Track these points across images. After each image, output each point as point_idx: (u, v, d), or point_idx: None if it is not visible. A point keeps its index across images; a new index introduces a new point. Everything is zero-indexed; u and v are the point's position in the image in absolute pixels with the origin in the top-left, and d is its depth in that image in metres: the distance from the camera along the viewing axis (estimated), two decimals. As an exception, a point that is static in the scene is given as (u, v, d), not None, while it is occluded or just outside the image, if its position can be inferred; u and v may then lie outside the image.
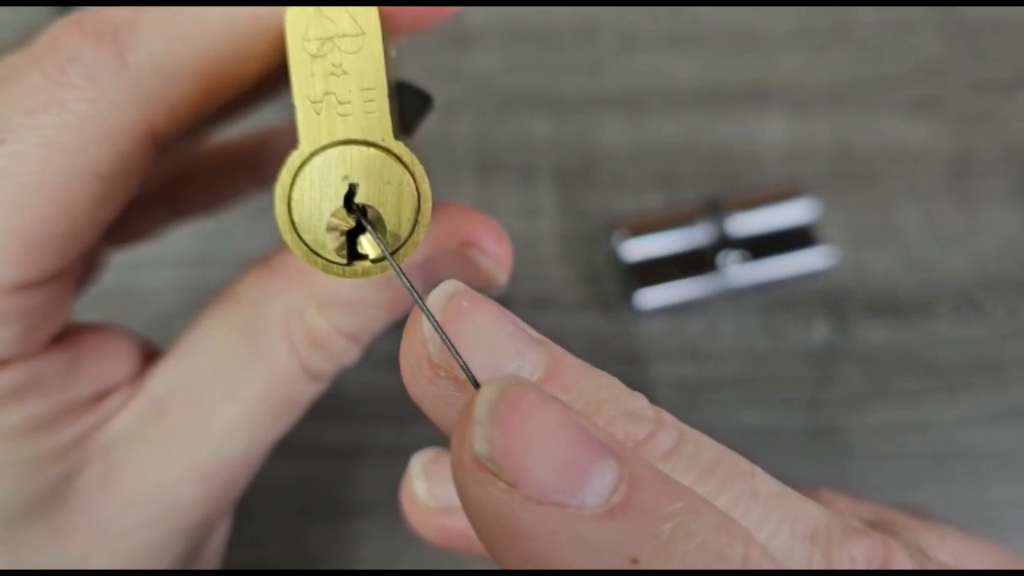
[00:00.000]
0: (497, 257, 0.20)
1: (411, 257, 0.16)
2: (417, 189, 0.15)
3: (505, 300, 0.38)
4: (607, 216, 0.38)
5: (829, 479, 0.33)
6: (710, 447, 0.15)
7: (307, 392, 0.21)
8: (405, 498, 0.21)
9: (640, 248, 0.36)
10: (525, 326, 0.15)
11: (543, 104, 0.41)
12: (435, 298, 0.14)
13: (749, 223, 0.37)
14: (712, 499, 0.14)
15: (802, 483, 0.14)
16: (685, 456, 0.14)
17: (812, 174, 0.40)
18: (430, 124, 0.42)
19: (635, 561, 0.12)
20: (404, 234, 0.15)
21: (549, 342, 0.15)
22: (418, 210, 0.15)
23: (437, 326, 0.14)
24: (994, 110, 0.42)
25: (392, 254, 0.15)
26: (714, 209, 0.37)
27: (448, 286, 0.14)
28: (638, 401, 0.15)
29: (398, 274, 0.15)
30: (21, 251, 0.17)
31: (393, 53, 0.18)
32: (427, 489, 0.21)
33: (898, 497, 0.33)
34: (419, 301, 0.14)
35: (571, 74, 0.43)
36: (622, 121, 0.41)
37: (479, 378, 0.14)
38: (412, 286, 0.15)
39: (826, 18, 0.44)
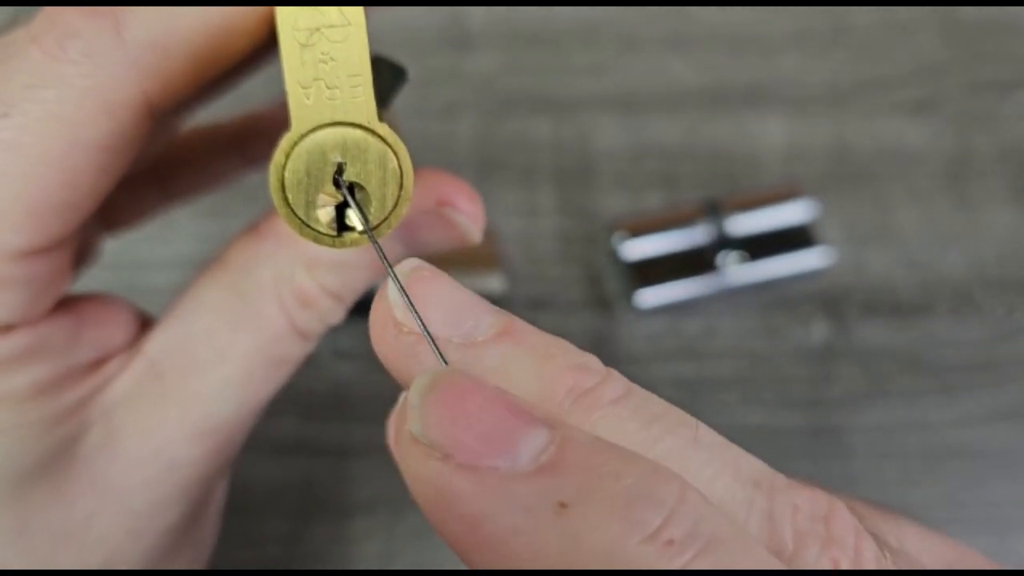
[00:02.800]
0: (470, 214, 0.21)
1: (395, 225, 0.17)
2: (400, 166, 0.17)
3: (505, 300, 0.38)
4: (607, 216, 0.38)
5: (828, 478, 0.33)
6: (657, 402, 0.15)
7: (297, 351, 0.22)
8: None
9: (639, 248, 0.36)
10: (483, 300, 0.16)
11: (543, 104, 0.42)
12: (403, 267, 0.16)
13: (748, 223, 0.37)
14: (654, 444, 0.14)
15: (801, 482, 0.15)
16: (631, 406, 0.15)
17: (811, 174, 0.40)
18: (430, 124, 0.42)
19: (563, 505, 0.13)
20: (389, 207, 0.17)
21: (506, 312, 0.16)
22: (401, 185, 0.17)
23: (402, 289, 0.15)
24: (993, 111, 0.42)
25: (378, 226, 0.17)
26: (713, 209, 0.37)
27: (414, 260, 0.16)
28: (589, 358, 0.15)
29: (374, 247, 0.16)
30: (26, 219, 0.18)
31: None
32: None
33: (897, 496, 0.33)
34: (391, 271, 0.16)
35: (571, 75, 0.43)
36: (622, 122, 0.41)
37: (437, 335, 0.15)
38: (385, 257, 0.16)
39: (825, 19, 0.44)
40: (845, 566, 0.14)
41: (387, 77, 0.20)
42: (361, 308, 0.23)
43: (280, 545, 0.31)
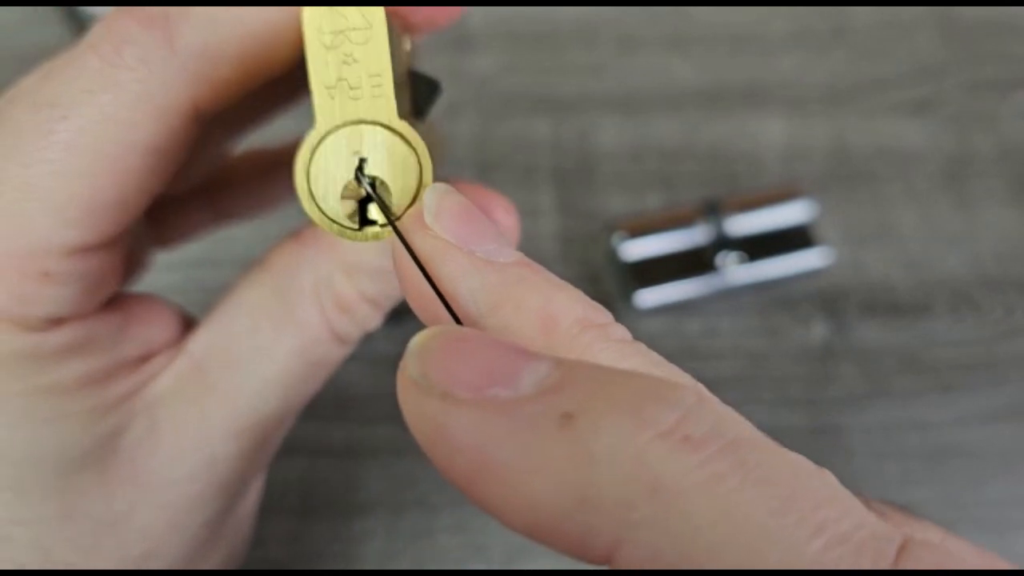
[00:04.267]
0: (507, 228, 0.22)
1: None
2: (419, 162, 0.17)
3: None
4: (606, 216, 0.38)
5: (828, 478, 0.33)
6: (660, 357, 0.15)
7: (335, 354, 0.22)
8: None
9: (639, 248, 0.36)
10: None
11: (543, 105, 0.42)
12: (435, 187, 0.16)
13: (747, 223, 0.37)
14: None
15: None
16: (637, 349, 0.15)
17: (810, 174, 0.40)
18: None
19: (568, 416, 0.12)
20: (408, 201, 0.17)
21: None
22: (420, 180, 0.17)
23: (427, 277, 0.16)
24: (992, 111, 0.42)
25: (397, 219, 0.17)
26: (713, 209, 0.37)
27: (443, 185, 0.16)
28: (600, 306, 0.16)
29: (396, 234, 0.17)
30: (82, 216, 0.19)
31: (407, 47, 0.21)
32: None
33: (897, 495, 0.33)
34: (414, 257, 0.16)
35: (571, 75, 0.43)
36: (621, 122, 0.41)
37: (459, 244, 0.16)
38: (405, 241, 0.17)
39: (824, 19, 0.44)
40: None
41: (423, 91, 0.21)
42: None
43: (281, 545, 0.31)
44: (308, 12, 0.17)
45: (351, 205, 0.17)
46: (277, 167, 0.28)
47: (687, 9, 0.44)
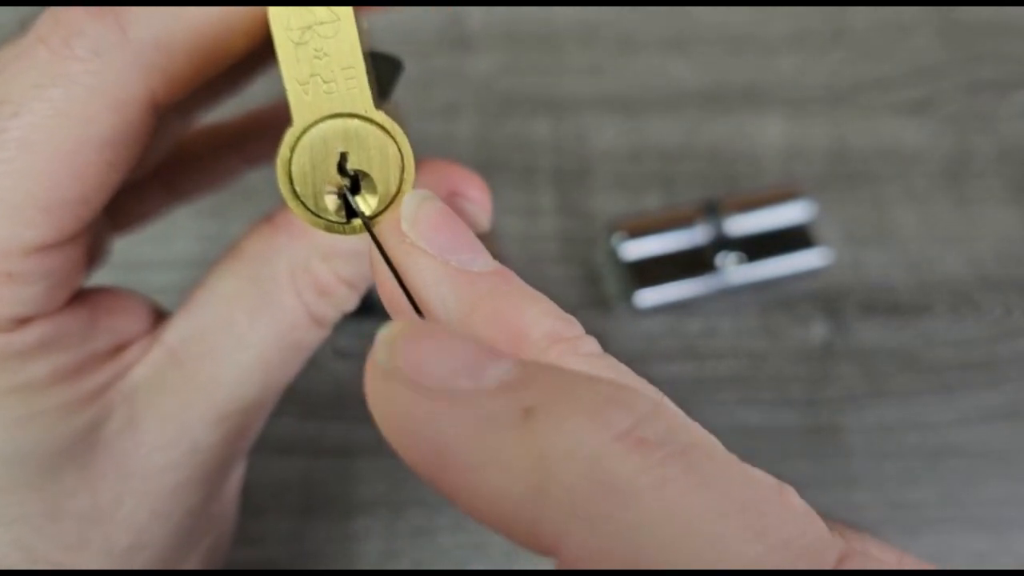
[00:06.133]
0: (479, 202, 0.22)
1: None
2: (400, 150, 0.17)
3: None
4: (606, 216, 0.38)
5: (827, 478, 0.33)
6: (630, 372, 0.15)
7: (312, 337, 0.22)
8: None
9: (639, 248, 0.36)
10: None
11: (543, 105, 0.42)
12: (415, 194, 0.17)
13: (747, 223, 0.37)
14: None
15: (800, 481, 0.15)
16: (605, 363, 0.15)
17: (809, 175, 0.40)
18: (430, 125, 0.42)
19: (528, 411, 0.13)
20: (393, 190, 0.17)
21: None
22: (403, 168, 0.17)
23: (398, 277, 0.16)
24: (991, 111, 0.42)
25: (384, 210, 0.17)
26: (712, 210, 0.37)
27: (424, 191, 0.17)
28: (572, 318, 0.16)
29: (373, 241, 0.17)
30: (40, 215, 0.18)
31: (365, 25, 0.20)
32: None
33: (896, 495, 0.33)
34: (390, 265, 0.16)
35: (571, 75, 0.43)
36: (621, 122, 0.41)
37: (435, 255, 0.16)
38: (380, 244, 0.17)
39: (823, 20, 0.44)
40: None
41: (385, 70, 0.21)
42: (361, 310, 0.23)
43: (281, 544, 0.31)
44: (274, 11, 0.17)
45: (335, 200, 0.17)
46: (230, 142, 0.27)
47: (687, 9, 0.45)
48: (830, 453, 0.33)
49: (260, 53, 0.20)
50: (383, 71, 0.21)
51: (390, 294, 0.16)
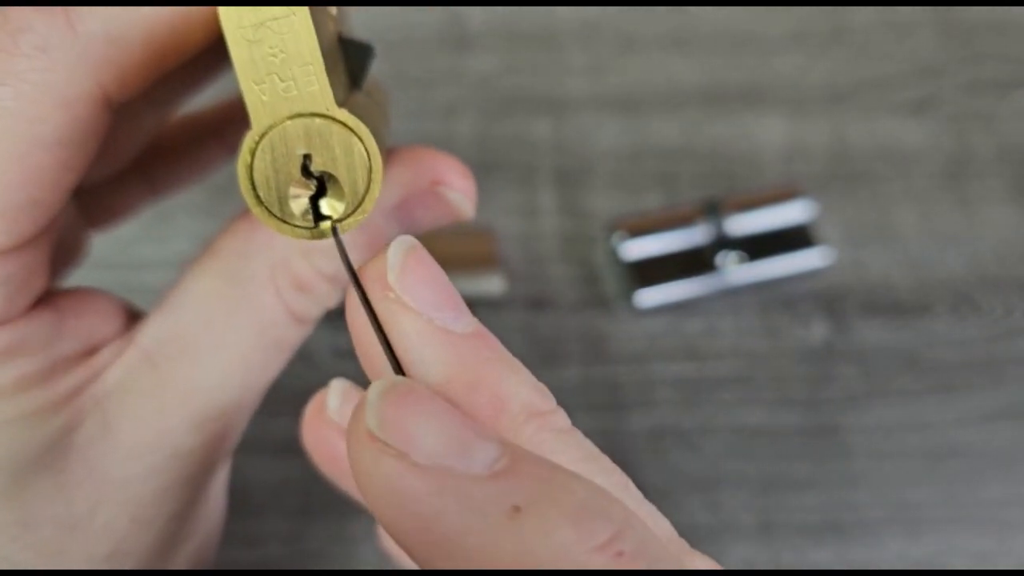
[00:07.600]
0: (463, 190, 0.22)
1: (382, 200, 0.17)
2: (366, 149, 0.16)
3: (504, 300, 0.38)
4: (607, 216, 0.38)
5: (827, 478, 0.33)
6: (593, 446, 0.16)
7: (293, 335, 0.22)
8: (311, 409, 0.22)
9: (639, 248, 0.36)
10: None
11: (543, 104, 0.42)
12: (401, 242, 0.16)
13: (747, 223, 0.37)
14: (592, 479, 0.15)
15: (800, 481, 0.15)
16: (574, 440, 0.16)
17: (810, 174, 0.40)
18: (430, 124, 0.42)
19: (516, 509, 0.13)
20: (361, 190, 0.17)
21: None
22: (370, 168, 0.16)
23: (381, 332, 0.15)
24: (991, 110, 0.42)
25: (352, 212, 0.17)
26: (713, 209, 0.37)
27: (409, 238, 0.16)
28: (543, 387, 0.16)
29: (358, 290, 0.16)
30: None
31: (334, 11, 0.19)
32: (339, 406, 0.21)
33: (896, 495, 0.33)
34: (348, 264, 0.16)
35: (571, 74, 0.43)
36: (621, 122, 0.41)
37: (418, 311, 0.15)
38: (345, 253, 0.17)
39: (824, 19, 0.44)
40: None
41: (356, 57, 0.20)
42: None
43: (281, 545, 0.31)
44: (224, 10, 0.16)
45: (302, 203, 0.17)
46: (210, 131, 0.27)
47: (687, 9, 0.44)
48: (830, 453, 0.33)
49: (224, 43, 0.20)
50: (354, 59, 0.20)
51: (366, 348, 0.16)
